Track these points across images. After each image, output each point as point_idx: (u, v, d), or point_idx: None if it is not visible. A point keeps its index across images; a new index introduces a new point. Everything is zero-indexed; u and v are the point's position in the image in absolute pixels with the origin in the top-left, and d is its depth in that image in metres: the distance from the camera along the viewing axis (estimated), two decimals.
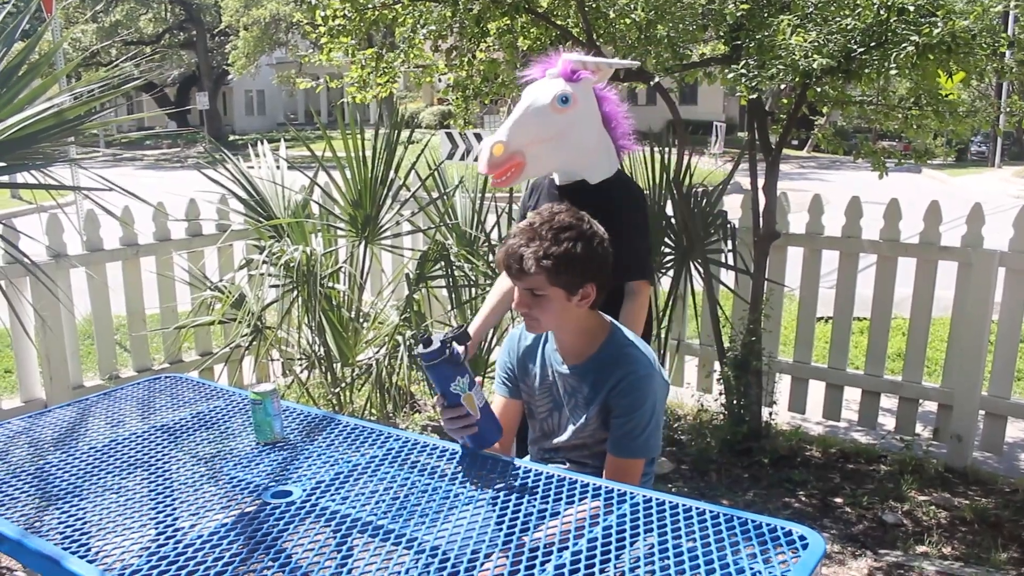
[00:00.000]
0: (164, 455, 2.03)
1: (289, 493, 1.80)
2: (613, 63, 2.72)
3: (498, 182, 2.53)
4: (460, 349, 1.94)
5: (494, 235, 4.04)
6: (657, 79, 3.67)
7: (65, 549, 1.57)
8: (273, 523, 1.66)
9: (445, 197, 4.12)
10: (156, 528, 1.66)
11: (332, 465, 1.94)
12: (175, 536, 1.61)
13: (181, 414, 2.33)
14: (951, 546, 3.47)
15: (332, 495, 1.79)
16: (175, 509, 1.74)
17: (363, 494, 1.79)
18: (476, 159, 5.31)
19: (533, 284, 1.99)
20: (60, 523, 1.69)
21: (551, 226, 1.98)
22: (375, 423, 2.23)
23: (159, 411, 2.38)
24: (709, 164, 19.14)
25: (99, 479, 1.90)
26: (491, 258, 3.97)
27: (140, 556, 1.55)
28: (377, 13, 3.97)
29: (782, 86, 3.58)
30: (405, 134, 4.03)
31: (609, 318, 2.18)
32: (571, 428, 2.14)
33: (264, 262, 3.81)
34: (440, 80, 4.53)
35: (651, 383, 2.04)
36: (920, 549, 3.45)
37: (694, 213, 4.05)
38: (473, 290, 4.06)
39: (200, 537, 1.60)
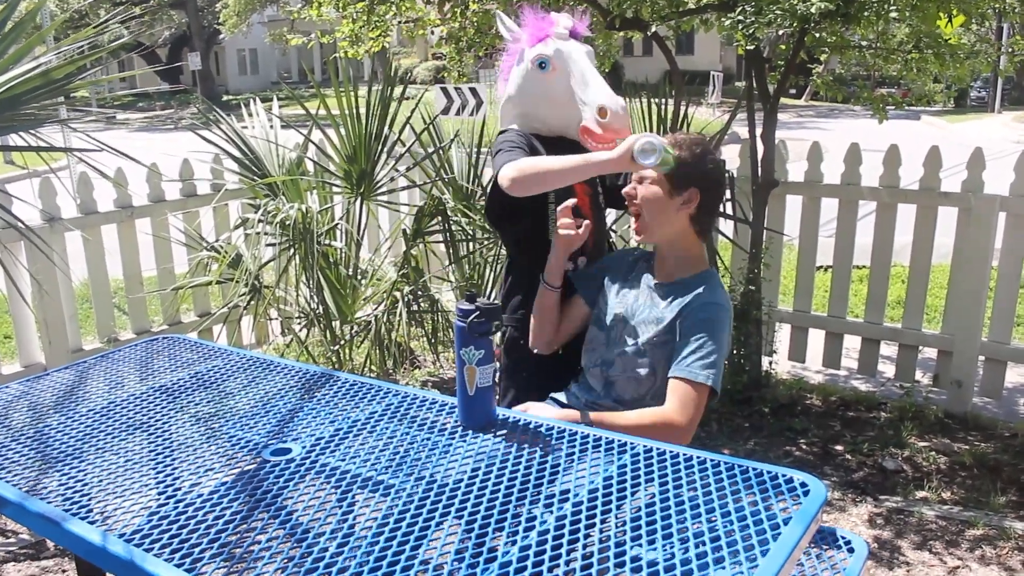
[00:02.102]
0: (163, 416, 2.02)
1: (289, 451, 1.79)
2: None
3: (606, 146, 2.37)
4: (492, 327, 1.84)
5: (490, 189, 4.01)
6: (653, 28, 3.61)
7: (67, 511, 1.57)
8: (273, 480, 1.66)
9: (441, 152, 4.08)
10: (157, 488, 1.66)
11: (331, 422, 1.94)
12: (175, 496, 1.60)
13: (180, 375, 2.32)
14: (950, 491, 3.49)
15: (332, 452, 1.78)
16: (175, 469, 1.73)
17: (363, 450, 1.79)
18: (474, 112, 5.25)
19: (640, 170, 2.11)
20: (61, 485, 1.69)
21: (682, 134, 2.16)
22: (374, 379, 2.22)
23: (157, 372, 2.37)
24: (707, 114, 19.00)
25: (99, 441, 1.90)
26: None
27: (141, 516, 1.54)
28: None
29: (779, 32, 3.53)
30: (402, 90, 3.98)
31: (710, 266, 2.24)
32: (632, 344, 2.17)
33: (260, 221, 3.78)
34: (433, 33, 4.47)
35: (727, 321, 2.12)
36: (920, 494, 3.47)
37: None
38: (470, 244, 4.04)
39: (200, 496, 1.60)
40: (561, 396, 2.36)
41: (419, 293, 3.90)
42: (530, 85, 2.44)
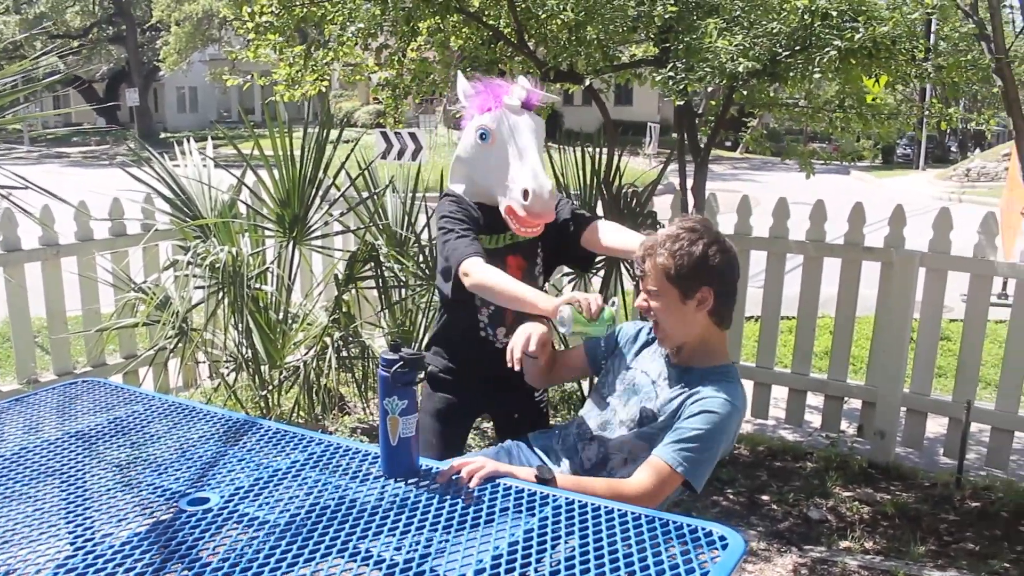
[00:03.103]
0: (78, 463, 1.97)
1: (207, 500, 1.76)
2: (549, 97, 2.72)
3: (533, 231, 2.41)
4: (418, 375, 1.86)
5: (424, 236, 4.01)
6: (587, 81, 3.68)
7: None
8: (189, 531, 1.62)
9: (375, 197, 4.08)
10: (67, 539, 1.61)
11: (252, 471, 1.90)
12: (85, 548, 1.56)
13: (98, 419, 2.27)
14: (873, 540, 3.55)
15: (251, 501, 1.75)
16: (87, 519, 1.68)
17: (283, 499, 1.76)
18: (411, 160, 5.25)
19: (650, 282, 2.04)
20: None
21: (677, 226, 2.05)
22: (299, 426, 2.19)
23: (75, 417, 2.30)
24: (643, 164, 19.33)
25: (8, 489, 1.84)
26: (421, 259, 3.94)
27: (48, 568, 1.49)
28: (305, 10, 3.92)
29: (709, 88, 3.62)
30: (338, 133, 3.98)
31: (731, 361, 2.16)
32: (629, 427, 2.12)
33: (189, 263, 3.73)
34: (370, 79, 4.49)
35: (732, 416, 2.00)
36: (843, 544, 3.52)
37: (623, 214, 4.07)
38: (403, 291, 4.02)
39: (112, 548, 1.55)
40: (540, 450, 2.31)
41: (350, 339, 3.87)
42: (472, 152, 2.46)
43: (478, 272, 2.28)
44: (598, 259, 4.21)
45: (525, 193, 2.29)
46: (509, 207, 2.35)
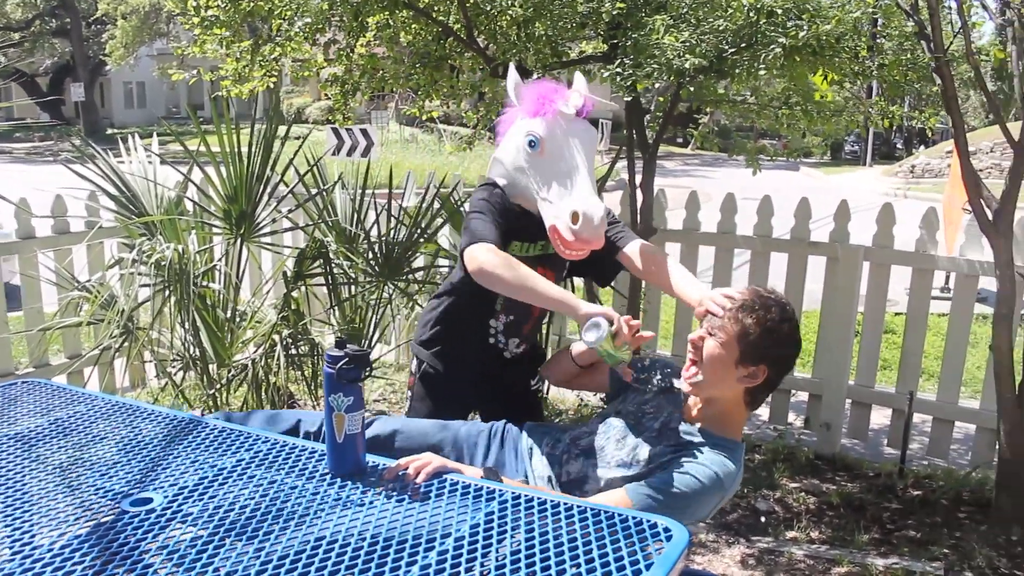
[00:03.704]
0: (16, 465, 1.93)
1: (149, 500, 1.73)
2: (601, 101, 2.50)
3: (578, 255, 2.24)
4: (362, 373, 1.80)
5: (373, 232, 3.99)
6: (535, 76, 3.69)
7: None
8: (131, 532, 1.60)
9: (324, 193, 4.05)
10: (3, 544, 1.58)
11: (196, 470, 1.88)
12: (22, 552, 1.53)
13: (38, 421, 2.22)
14: (819, 530, 3.61)
15: (195, 501, 1.73)
16: (25, 522, 1.65)
17: (228, 498, 1.74)
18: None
19: (720, 328, 1.96)
20: None
21: (776, 297, 1.98)
22: (244, 425, 2.17)
23: (14, 419, 2.26)
24: (596, 160, 19.38)
25: None
26: (370, 256, 3.92)
27: None
28: (252, 4, 3.88)
29: (656, 85, 3.65)
30: (286, 129, 3.95)
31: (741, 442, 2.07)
32: (616, 463, 2.04)
33: (134, 260, 3.67)
34: (318, 75, 4.46)
35: (712, 492, 1.90)
36: (790, 535, 3.58)
37: None
38: (352, 288, 4.00)
39: (51, 551, 1.53)
40: (534, 444, 2.24)
41: (299, 336, 3.84)
42: (518, 158, 2.29)
43: (489, 257, 2.12)
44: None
45: (575, 216, 2.12)
46: (555, 228, 2.18)
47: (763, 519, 3.68)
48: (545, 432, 2.28)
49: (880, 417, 4.59)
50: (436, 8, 4.11)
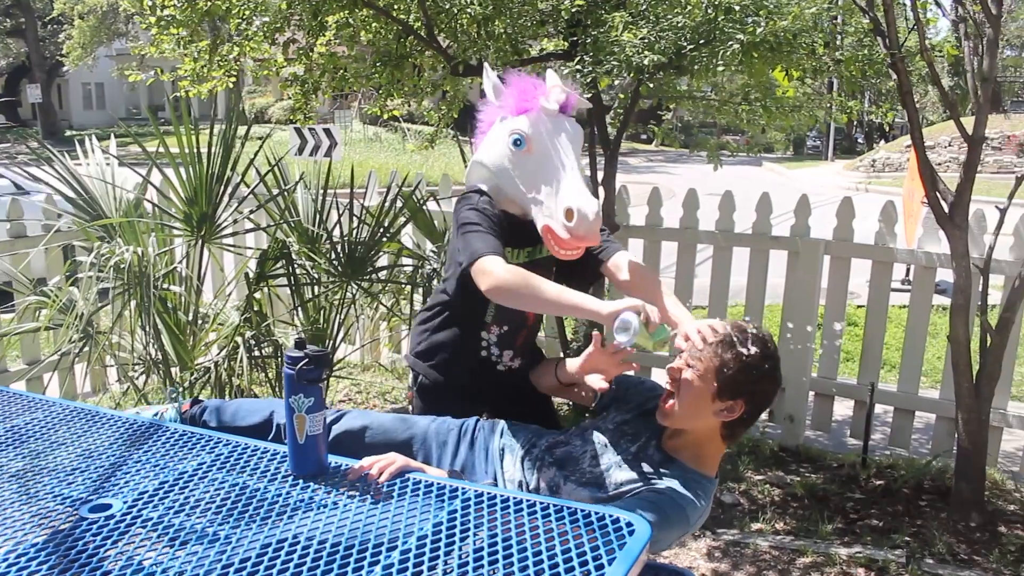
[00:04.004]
0: None
1: (109, 506, 1.72)
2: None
3: (573, 254, 2.18)
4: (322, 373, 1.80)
5: (336, 232, 3.97)
6: (496, 74, 3.68)
7: None
8: (90, 539, 1.58)
9: (285, 194, 4.02)
10: None
11: (157, 475, 1.87)
12: None
13: None
14: (783, 521, 3.65)
15: (156, 506, 1.72)
16: None
17: (189, 502, 1.73)
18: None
19: (699, 361, 1.93)
20: None
21: (757, 333, 1.94)
22: (205, 429, 2.15)
23: None
24: None
25: None
26: (333, 256, 3.90)
27: None
28: (209, 4, 3.84)
29: (616, 82, 3.67)
30: (246, 129, 3.92)
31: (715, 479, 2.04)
32: (586, 480, 2.01)
33: (93, 264, 3.62)
34: (278, 75, 4.43)
35: (670, 524, 1.86)
36: (755, 526, 3.61)
37: None
38: (315, 288, 3.98)
39: (6, 560, 1.51)
40: (507, 445, 2.21)
41: (262, 338, 3.81)
42: (502, 159, 2.20)
43: (502, 272, 2.04)
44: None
45: (569, 213, 2.05)
46: (548, 227, 2.11)
47: (722, 514, 3.71)
48: (522, 433, 2.24)
49: (843, 408, 4.65)
50: (396, 6, 4.10)
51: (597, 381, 2.10)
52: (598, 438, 2.10)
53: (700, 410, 1.94)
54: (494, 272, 2.04)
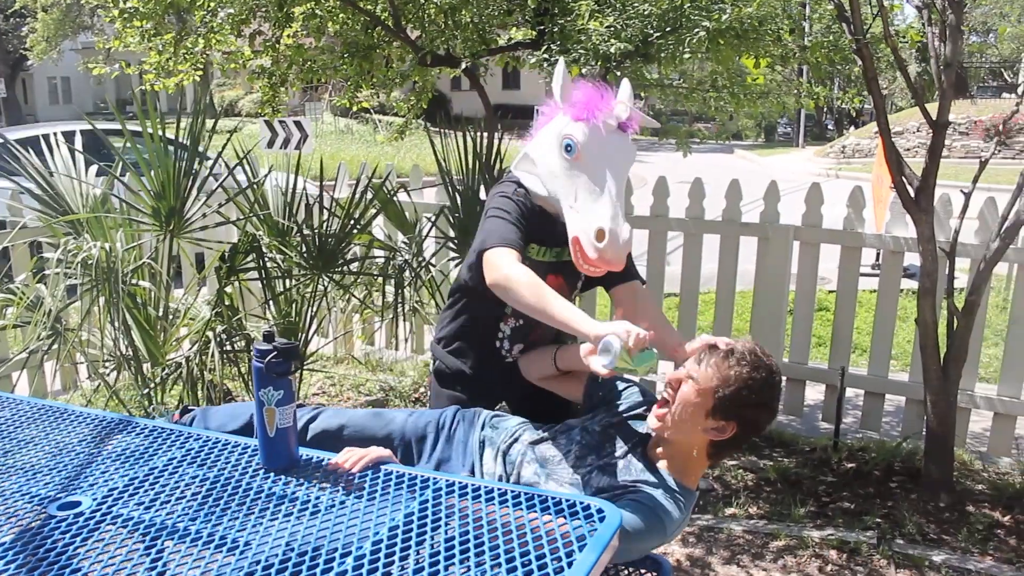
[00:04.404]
0: None
1: (78, 504, 1.70)
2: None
3: (595, 272, 2.13)
4: (291, 366, 1.78)
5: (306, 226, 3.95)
6: (464, 65, 3.68)
7: None
8: (59, 536, 1.57)
9: (255, 187, 4.00)
10: None
11: (127, 471, 1.86)
12: None
13: None
14: (757, 506, 3.68)
15: (126, 502, 1.71)
16: None
17: (159, 497, 1.72)
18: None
19: (698, 375, 1.91)
20: None
21: (760, 356, 1.91)
22: (176, 424, 2.14)
23: None
24: None
25: None
26: (304, 249, 3.88)
27: None
28: None
29: (583, 71, 3.67)
30: (214, 123, 3.89)
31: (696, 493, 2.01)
32: (578, 472, 2.00)
33: (60, 260, 3.59)
34: (245, 67, 4.40)
35: (648, 533, 1.86)
36: (729, 511, 3.65)
37: None
38: (286, 281, 3.96)
39: None
40: (487, 438, 2.19)
41: (234, 332, 3.79)
42: (550, 159, 2.18)
43: (508, 268, 2.04)
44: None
45: (600, 234, 2.02)
46: (577, 240, 2.07)
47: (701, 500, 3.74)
48: (506, 425, 2.23)
49: (815, 393, 4.69)
50: None
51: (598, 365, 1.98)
52: (583, 438, 2.09)
53: (691, 424, 1.91)
54: (502, 266, 2.05)
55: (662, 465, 1.99)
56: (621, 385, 2.26)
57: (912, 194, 3.44)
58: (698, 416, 1.90)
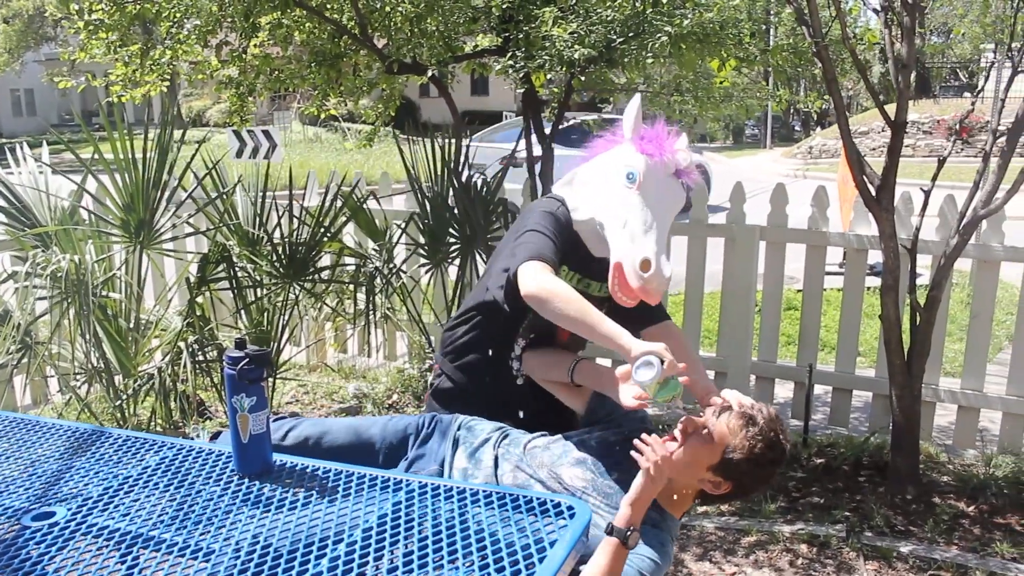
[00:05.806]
0: None
1: (52, 514, 1.71)
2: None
3: (628, 302, 2.14)
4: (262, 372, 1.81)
5: (276, 234, 3.96)
6: (430, 72, 3.72)
7: None
8: (33, 547, 1.58)
9: (224, 197, 4.00)
10: None
11: (101, 481, 1.87)
12: None
13: None
14: (728, 503, 3.73)
15: (100, 512, 1.72)
16: None
17: (133, 507, 1.73)
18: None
19: (712, 427, 1.91)
20: None
21: (775, 427, 1.91)
22: (148, 433, 2.15)
23: None
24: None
25: None
26: (274, 258, 3.89)
27: None
28: (139, 7, 3.80)
29: (549, 76, 3.72)
30: (182, 133, 3.89)
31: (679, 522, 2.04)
32: (574, 486, 2.02)
33: (28, 273, 3.57)
34: (212, 77, 4.40)
35: (664, 557, 1.90)
36: (701, 509, 3.69)
37: (475, 202, 4.13)
38: (257, 291, 3.97)
39: None
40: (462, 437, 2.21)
41: (206, 342, 3.79)
42: (607, 183, 2.18)
43: (547, 280, 2.04)
44: (452, 248, 4.25)
45: (646, 264, 2.04)
46: (620, 266, 2.08)
47: None
48: (481, 425, 2.23)
49: (784, 391, 4.75)
50: (329, 6, 4.09)
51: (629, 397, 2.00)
52: (579, 454, 2.09)
53: (691, 470, 1.91)
54: (539, 278, 2.05)
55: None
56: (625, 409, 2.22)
57: (873, 193, 3.51)
58: (699, 466, 1.90)
